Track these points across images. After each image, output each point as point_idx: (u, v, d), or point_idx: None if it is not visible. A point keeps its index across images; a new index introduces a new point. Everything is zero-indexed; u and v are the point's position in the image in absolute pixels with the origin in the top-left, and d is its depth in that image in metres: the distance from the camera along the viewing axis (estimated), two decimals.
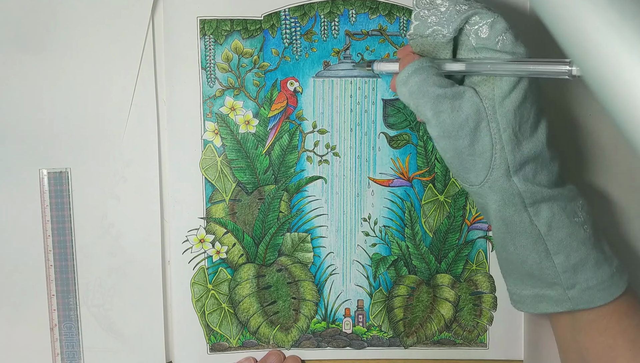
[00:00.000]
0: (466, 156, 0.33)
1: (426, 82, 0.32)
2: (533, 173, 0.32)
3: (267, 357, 0.44)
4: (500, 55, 0.32)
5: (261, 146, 0.44)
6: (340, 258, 0.45)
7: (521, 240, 0.34)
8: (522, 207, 0.33)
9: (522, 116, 0.32)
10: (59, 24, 0.42)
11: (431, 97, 0.32)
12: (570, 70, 0.29)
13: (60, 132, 0.43)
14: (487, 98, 0.32)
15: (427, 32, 0.34)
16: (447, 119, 0.32)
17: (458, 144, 0.32)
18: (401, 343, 0.45)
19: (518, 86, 0.32)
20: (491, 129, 0.32)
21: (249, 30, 0.43)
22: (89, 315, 0.44)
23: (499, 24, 0.32)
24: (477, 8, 0.33)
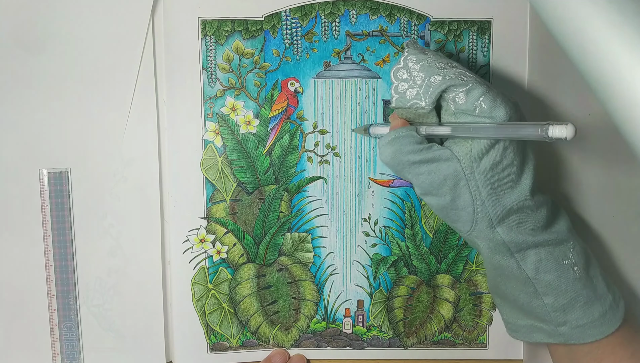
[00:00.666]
0: (450, 211, 0.34)
1: (400, 151, 0.33)
2: (517, 223, 0.33)
3: (272, 356, 0.44)
4: (479, 119, 0.32)
5: (262, 146, 0.44)
6: (341, 258, 0.45)
7: (511, 282, 0.35)
8: (509, 254, 0.33)
9: (501, 173, 0.33)
10: (59, 24, 0.42)
11: (406, 165, 0.34)
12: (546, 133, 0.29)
13: (60, 132, 0.43)
14: (464, 158, 0.33)
15: (407, 104, 0.35)
16: (426, 181, 0.33)
17: (440, 201, 0.34)
18: (401, 343, 0.45)
19: (496, 146, 0.32)
20: (470, 186, 0.33)
21: (250, 30, 0.43)
22: (89, 315, 0.44)
23: (475, 90, 0.32)
24: (451, 78, 0.33)
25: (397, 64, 0.35)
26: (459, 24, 0.43)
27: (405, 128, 0.34)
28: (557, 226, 0.34)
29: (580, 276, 0.34)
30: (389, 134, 0.34)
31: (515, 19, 0.43)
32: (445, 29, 0.43)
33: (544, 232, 0.34)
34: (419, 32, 0.43)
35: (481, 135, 0.32)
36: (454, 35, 0.43)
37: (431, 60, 0.34)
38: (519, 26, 0.43)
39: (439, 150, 0.33)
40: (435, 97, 0.33)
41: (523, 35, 0.43)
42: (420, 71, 0.34)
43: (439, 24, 0.43)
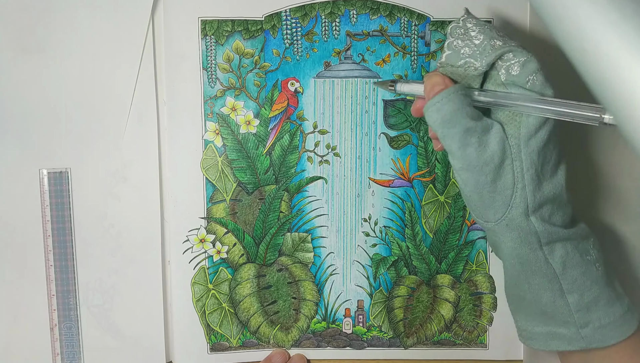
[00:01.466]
0: (486, 193, 0.32)
1: (460, 112, 0.31)
2: (549, 214, 0.33)
3: (272, 356, 0.44)
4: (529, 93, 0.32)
5: (262, 146, 0.44)
6: (341, 258, 0.45)
7: (536, 279, 0.34)
8: (538, 246, 0.33)
9: (545, 157, 0.32)
10: (59, 24, 0.42)
11: (461, 129, 0.31)
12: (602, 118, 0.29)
13: (60, 132, 0.43)
14: (512, 136, 0.32)
15: (459, 62, 0.33)
16: (473, 153, 0.32)
17: (480, 179, 0.32)
18: (401, 343, 0.45)
19: (544, 127, 0.31)
20: (514, 167, 0.32)
21: (250, 30, 0.43)
22: (89, 315, 0.44)
23: (532, 63, 0.32)
24: (512, 46, 0.32)
25: (455, 22, 0.34)
26: None
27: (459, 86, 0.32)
28: (580, 224, 0.35)
29: (602, 274, 0.33)
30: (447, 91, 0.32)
31: (515, 19, 0.43)
32: (446, 29, 0.43)
33: (570, 227, 0.34)
34: (419, 32, 0.43)
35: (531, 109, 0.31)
36: None
37: (491, 27, 0.33)
38: (519, 26, 0.43)
39: (491, 121, 0.32)
40: (492, 59, 0.32)
41: (523, 36, 0.43)
42: (479, 33, 0.33)
43: (439, 24, 0.43)
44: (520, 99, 0.31)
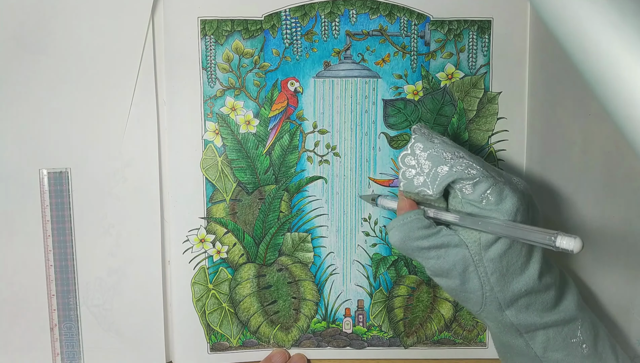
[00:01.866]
0: (459, 292, 0.34)
1: (408, 237, 0.34)
2: (526, 306, 0.33)
3: (272, 355, 0.44)
4: (486, 211, 0.33)
5: (262, 146, 0.44)
6: (341, 258, 0.45)
7: (520, 358, 0.35)
8: (518, 334, 0.34)
9: (509, 260, 0.33)
10: (59, 24, 0.42)
11: (415, 249, 0.34)
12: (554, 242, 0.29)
13: (60, 132, 0.43)
14: (472, 244, 0.33)
15: (415, 190, 0.35)
16: (435, 265, 0.34)
17: (449, 283, 0.34)
18: (401, 343, 0.45)
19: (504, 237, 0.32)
20: (479, 272, 0.33)
21: (250, 30, 0.43)
22: (89, 315, 0.44)
23: (482, 184, 0.33)
24: (457, 172, 0.33)
25: (405, 150, 0.36)
26: (459, 23, 0.43)
27: (414, 212, 0.35)
28: (565, 303, 0.34)
29: (589, 354, 0.34)
30: (398, 219, 0.35)
31: (515, 18, 0.43)
32: (445, 28, 0.43)
33: (552, 312, 0.34)
34: (419, 32, 0.43)
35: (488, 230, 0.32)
36: (454, 35, 0.43)
37: (438, 149, 0.35)
38: (519, 26, 0.43)
39: (447, 235, 0.34)
40: (442, 188, 0.34)
41: (523, 35, 0.43)
42: (427, 160, 0.35)
43: (439, 24, 0.43)
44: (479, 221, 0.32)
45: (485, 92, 0.43)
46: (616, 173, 0.41)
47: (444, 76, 0.43)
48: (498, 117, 0.44)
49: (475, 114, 0.44)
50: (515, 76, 0.43)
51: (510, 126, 0.44)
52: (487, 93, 0.43)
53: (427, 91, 0.43)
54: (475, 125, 0.44)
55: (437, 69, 0.43)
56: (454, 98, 0.43)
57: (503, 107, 0.44)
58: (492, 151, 0.44)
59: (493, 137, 0.44)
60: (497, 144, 0.44)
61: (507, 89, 0.43)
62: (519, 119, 0.44)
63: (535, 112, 0.43)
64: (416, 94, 0.43)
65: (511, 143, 0.44)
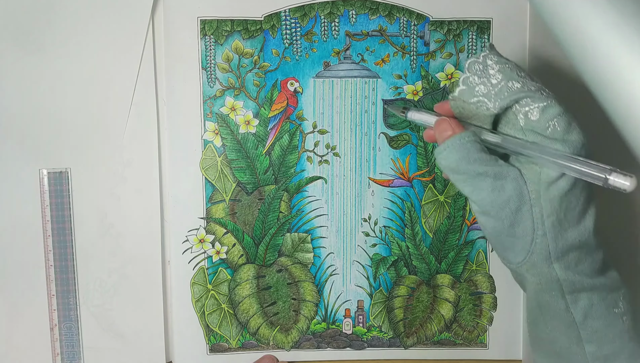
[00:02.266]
0: (505, 237, 0.31)
1: (466, 159, 0.30)
2: (576, 261, 0.30)
3: (261, 360, 0.44)
4: (550, 142, 0.30)
5: (261, 146, 0.44)
6: (341, 258, 0.45)
7: (554, 323, 0.32)
8: (560, 294, 0.31)
9: (569, 203, 0.30)
10: (59, 24, 0.42)
11: (470, 175, 0.30)
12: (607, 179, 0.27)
13: (60, 132, 0.43)
14: (532, 181, 0.30)
15: (472, 100, 0.32)
16: (487, 198, 0.30)
17: (497, 224, 0.31)
18: (401, 343, 0.45)
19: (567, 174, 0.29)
20: (534, 213, 0.30)
21: (250, 30, 0.43)
22: (89, 315, 0.44)
23: (552, 108, 0.30)
24: (530, 90, 0.30)
25: (475, 57, 0.32)
26: (458, 23, 0.43)
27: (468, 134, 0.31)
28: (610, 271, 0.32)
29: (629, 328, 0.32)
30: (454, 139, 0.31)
31: (515, 19, 0.43)
32: (445, 28, 0.43)
33: (600, 276, 0.31)
34: (419, 32, 0.43)
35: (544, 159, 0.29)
36: (454, 35, 0.43)
37: (512, 66, 0.32)
38: (519, 26, 0.43)
39: (506, 166, 0.30)
40: (507, 103, 0.31)
41: (523, 35, 0.43)
42: (498, 72, 0.31)
43: (439, 24, 0.43)
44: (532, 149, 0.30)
45: None
46: None
47: (443, 76, 0.43)
48: None
49: None
50: None
51: None
52: None
53: (427, 91, 0.43)
54: None
55: (437, 69, 0.43)
56: None
57: None
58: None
59: None
60: None
61: None
62: None
63: None
64: (416, 94, 0.43)
65: None
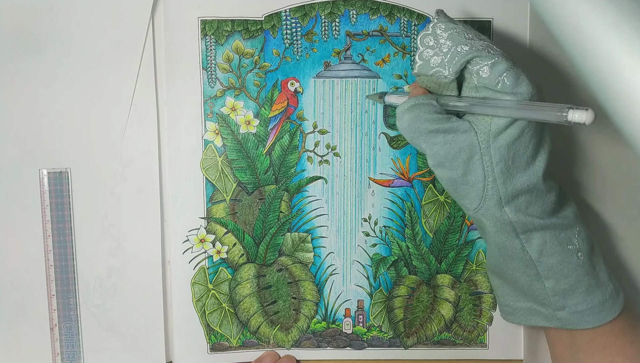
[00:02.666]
0: (460, 185, 0.34)
1: (418, 118, 0.33)
2: (526, 204, 0.33)
3: (262, 358, 0.44)
4: (500, 95, 0.32)
5: (262, 146, 0.44)
6: (341, 258, 0.45)
7: (513, 263, 0.35)
8: (514, 235, 0.33)
9: (516, 151, 0.32)
10: (59, 24, 0.42)
11: (423, 133, 0.33)
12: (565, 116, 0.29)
13: (60, 132, 0.43)
14: (482, 132, 0.32)
15: (430, 72, 0.34)
16: (440, 151, 0.33)
17: (452, 174, 0.33)
18: (401, 343, 0.45)
19: (515, 123, 0.32)
20: (484, 162, 0.32)
21: (250, 30, 0.43)
22: (89, 315, 0.44)
23: (500, 65, 0.32)
24: (478, 50, 0.32)
25: (425, 30, 0.34)
26: None
27: (425, 96, 0.34)
28: (564, 211, 0.34)
29: (583, 263, 0.34)
30: (409, 100, 0.34)
31: (515, 19, 0.43)
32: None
33: (551, 216, 0.34)
34: (419, 32, 0.43)
35: (499, 113, 0.31)
36: None
37: (460, 30, 0.34)
38: (519, 26, 0.43)
39: (457, 121, 0.33)
40: (459, 67, 0.33)
41: (523, 36, 0.43)
42: (447, 40, 0.33)
43: None
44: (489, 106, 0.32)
45: None
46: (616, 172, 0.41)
47: None
48: None
49: None
50: None
51: None
52: None
53: None
54: None
55: None
56: None
57: None
58: None
59: None
60: None
61: None
62: None
63: None
64: None
65: None
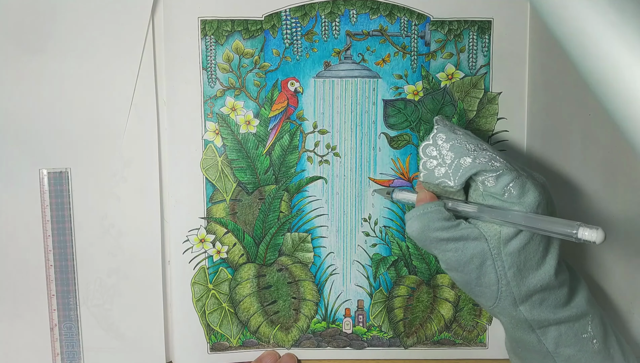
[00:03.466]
0: (474, 287, 0.34)
1: (428, 228, 0.34)
2: (540, 302, 0.33)
3: (262, 357, 0.44)
4: (507, 204, 0.33)
5: (262, 146, 0.44)
6: (341, 258, 0.45)
7: (531, 354, 0.35)
8: (530, 330, 0.34)
9: (527, 254, 0.33)
10: (59, 24, 0.42)
11: (433, 241, 0.34)
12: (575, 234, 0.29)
13: (60, 132, 0.43)
14: (492, 238, 0.33)
15: (435, 181, 0.35)
16: (452, 258, 0.33)
17: (465, 277, 0.34)
18: (401, 343, 0.45)
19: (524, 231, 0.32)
20: (496, 267, 0.33)
21: (250, 30, 0.43)
22: (89, 315, 0.44)
23: (505, 176, 0.33)
24: (481, 164, 0.33)
25: (427, 140, 0.35)
26: (459, 23, 0.43)
27: (434, 203, 0.34)
28: (576, 299, 0.35)
29: (599, 349, 0.34)
30: (417, 209, 0.34)
31: (515, 19, 0.43)
32: (446, 28, 0.43)
33: (564, 309, 0.34)
34: (419, 32, 0.43)
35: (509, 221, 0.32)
36: (454, 35, 0.43)
37: (461, 140, 0.34)
38: (519, 26, 0.43)
39: (467, 228, 0.33)
40: (464, 179, 0.34)
41: (523, 35, 0.43)
42: (450, 151, 0.34)
43: (439, 24, 0.43)
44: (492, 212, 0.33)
45: (486, 92, 0.43)
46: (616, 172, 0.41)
47: (444, 76, 0.43)
48: (498, 117, 0.44)
49: (475, 114, 0.44)
50: (515, 76, 0.43)
51: (510, 126, 0.44)
52: (487, 93, 0.43)
53: (427, 91, 0.43)
54: (475, 125, 0.44)
55: (437, 69, 0.43)
56: (454, 98, 0.43)
57: (503, 108, 0.44)
58: None
59: (493, 137, 0.44)
60: (497, 145, 0.44)
61: (507, 89, 0.43)
62: (519, 119, 0.44)
63: (535, 112, 0.43)
64: (416, 95, 0.43)
65: (511, 143, 0.44)
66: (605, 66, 0.22)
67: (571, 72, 0.41)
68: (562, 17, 0.23)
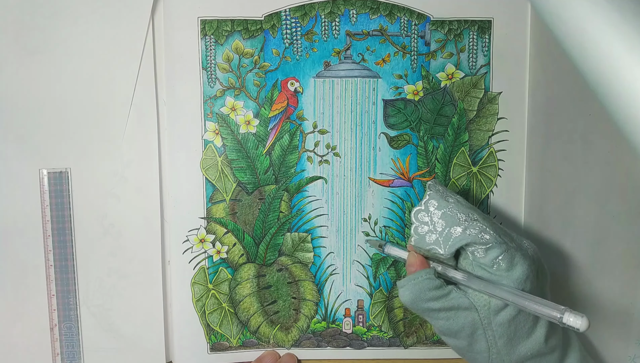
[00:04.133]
0: (466, 352, 0.35)
1: (419, 298, 0.34)
2: None
3: (263, 357, 0.44)
4: (496, 277, 0.33)
5: (262, 146, 0.44)
6: (341, 258, 0.45)
7: None
8: None
9: (518, 324, 0.33)
10: (59, 24, 0.42)
11: (425, 310, 0.34)
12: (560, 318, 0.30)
13: (60, 132, 0.43)
14: (482, 308, 0.33)
15: (426, 247, 0.35)
16: (444, 326, 0.34)
17: (457, 343, 0.35)
18: (401, 343, 0.45)
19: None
20: (487, 336, 0.33)
21: (250, 30, 0.43)
22: (89, 315, 0.44)
23: (494, 250, 0.33)
24: (471, 236, 0.34)
25: (419, 205, 0.36)
26: (459, 23, 0.43)
27: (425, 272, 0.35)
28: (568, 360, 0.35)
29: None
30: (409, 278, 0.35)
31: (515, 18, 0.43)
32: (446, 28, 0.43)
33: None
34: (419, 32, 0.43)
35: (496, 295, 0.32)
36: (454, 35, 0.43)
37: (452, 210, 0.35)
38: (519, 26, 0.43)
39: (458, 298, 0.34)
40: (455, 249, 0.34)
41: (523, 35, 0.43)
42: (441, 219, 0.35)
43: (439, 24, 0.43)
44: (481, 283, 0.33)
45: (486, 92, 0.43)
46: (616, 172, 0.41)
47: (444, 76, 0.43)
48: (498, 117, 0.44)
49: (475, 114, 0.44)
50: (515, 76, 0.43)
51: (510, 126, 0.44)
52: (487, 93, 0.43)
53: (428, 91, 0.43)
54: (476, 125, 0.44)
55: (438, 69, 0.43)
56: (454, 98, 0.43)
57: (503, 107, 0.44)
58: (492, 151, 0.44)
59: (493, 137, 0.44)
60: (497, 145, 0.44)
61: (507, 89, 0.43)
62: (519, 119, 0.44)
63: (535, 112, 0.43)
64: (416, 94, 0.43)
65: (511, 143, 0.44)
66: (605, 66, 0.22)
67: (571, 72, 0.41)
68: (563, 17, 0.23)
